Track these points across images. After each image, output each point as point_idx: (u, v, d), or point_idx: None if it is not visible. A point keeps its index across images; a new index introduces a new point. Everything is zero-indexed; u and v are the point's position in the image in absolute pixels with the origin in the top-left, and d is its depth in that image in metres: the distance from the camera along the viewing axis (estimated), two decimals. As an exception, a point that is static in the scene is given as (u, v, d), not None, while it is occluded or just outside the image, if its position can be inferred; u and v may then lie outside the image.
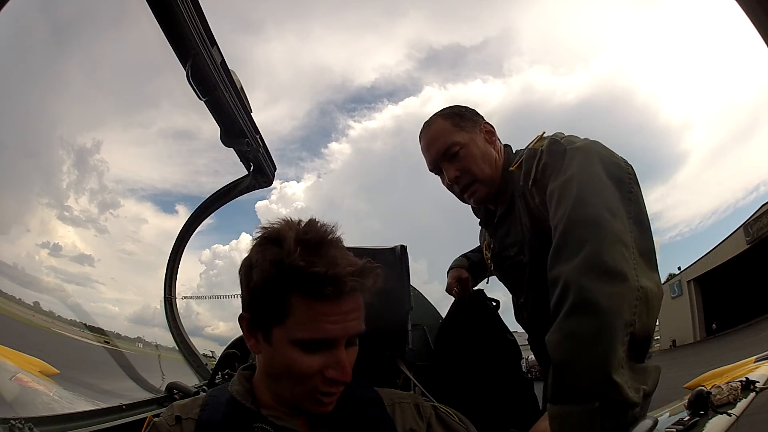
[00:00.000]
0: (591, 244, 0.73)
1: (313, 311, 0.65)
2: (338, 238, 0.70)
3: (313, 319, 0.65)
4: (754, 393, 2.81)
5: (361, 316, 0.69)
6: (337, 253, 0.67)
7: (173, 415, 0.75)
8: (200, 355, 2.59)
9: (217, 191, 2.42)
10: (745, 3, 0.72)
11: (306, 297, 0.64)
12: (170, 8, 1.35)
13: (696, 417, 2.84)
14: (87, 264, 22.18)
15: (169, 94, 3.64)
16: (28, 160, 7.93)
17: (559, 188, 0.87)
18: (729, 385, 2.96)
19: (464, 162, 1.20)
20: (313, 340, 0.66)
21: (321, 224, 0.70)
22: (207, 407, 0.76)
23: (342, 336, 0.67)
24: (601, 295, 0.68)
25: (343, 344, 0.67)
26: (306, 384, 0.68)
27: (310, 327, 0.65)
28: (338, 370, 0.67)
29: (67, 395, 1.68)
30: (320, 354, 0.66)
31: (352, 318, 0.67)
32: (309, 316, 0.65)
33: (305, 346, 0.66)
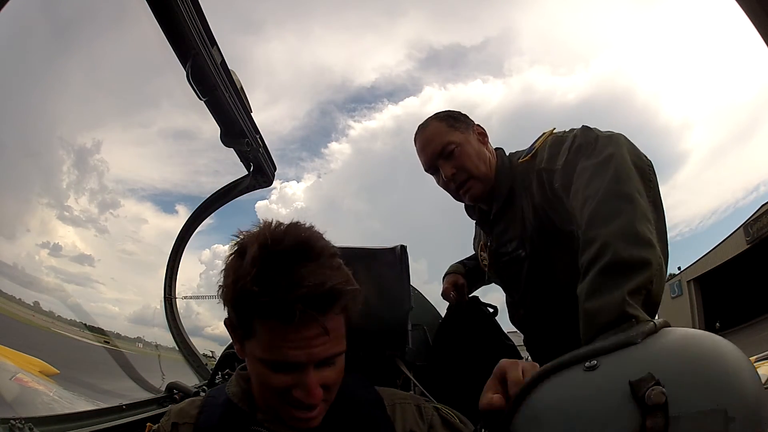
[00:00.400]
0: (626, 215, 0.82)
1: (273, 335, 0.61)
2: (316, 249, 0.62)
3: (274, 344, 0.61)
4: (754, 393, 2.81)
5: (332, 340, 0.63)
6: (305, 271, 0.59)
7: (170, 422, 0.75)
8: (200, 355, 2.59)
9: (217, 191, 2.42)
10: (745, 3, 0.72)
11: (265, 321, 0.61)
12: (170, 8, 1.36)
13: (696, 417, 2.84)
14: (87, 264, 22.18)
15: (169, 94, 3.64)
16: (29, 160, 7.94)
17: (595, 165, 0.93)
18: (729, 385, 2.96)
19: (460, 160, 1.25)
20: (275, 362, 0.63)
21: (296, 234, 0.62)
22: (205, 409, 0.75)
23: (306, 361, 0.62)
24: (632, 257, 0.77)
25: (310, 368, 0.63)
26: (278, 399, 0.66)
27: (271, 350, 0.62)
28: (304, 393, 0.63)
29: (67, 395, 1.68)
30: (287, 374, 0.63)
31: (318, 344, 0.61)
32: (269, 339, 0.61)
33: (271, 366, 0.64)
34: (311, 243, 0.62)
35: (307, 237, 0.63)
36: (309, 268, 0.60)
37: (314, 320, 0.59)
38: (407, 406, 0.79)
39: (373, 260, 1.35)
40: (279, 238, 0.61)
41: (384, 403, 0.78)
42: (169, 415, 0.77)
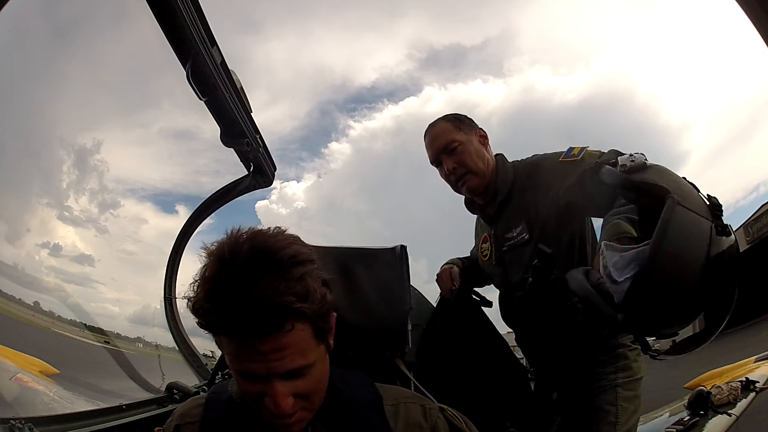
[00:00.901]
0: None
1: (231, 349, 0.62)
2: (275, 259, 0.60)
3: (234, 356, 0.63)
4: (754, 393, 2.80)
5: (293, 354, 0.62)
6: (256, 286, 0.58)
7: (172, 425, 0.75)
8: (200, 355, 2.59)
9: (217, 191, 2.42)
10: (745, 3, 0.72)
11: (221, 335, 0.63)
12: (170, 8, 1.36)
13: (696, 417, 2.84)
14: (87, 264, 22.18)
15: (169, 94, 3.65)
16: (29, 160, 7.92)
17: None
18: (729, 385, 2.96)
19: (461, 156, 1.43)
20: (239, 371, 0.64)
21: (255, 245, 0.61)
22: (209, 406, 0.76)
23: (266, 374, 0.62)
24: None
25: (275, 379, 0.62)
26: (255, 405, 0.66)
27: (233, 362, 0.64)
28: (271, 404, 0.63)
29: (67, 395, 1.68)
30: (258, 383, 0.64)
31: (276, 358, 0.61)
32: (229, 351, 0.63)
33: (239, 375, 0.65)
34: (270, 252, 0.61)
35: (266, 247, 0.61)
36: (262, 283, 0.58)
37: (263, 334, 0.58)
38: (412, 405, 0.79)
39: (373, 260, 1.35)
40: (236, 250, 0.60)
41: (383, 403, 0.77)
42: (172, 418, 0.78)
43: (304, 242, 0.68)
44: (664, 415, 3.32)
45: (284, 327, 0.59)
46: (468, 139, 1.45)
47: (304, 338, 0.63)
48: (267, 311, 0.57)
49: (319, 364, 0.68)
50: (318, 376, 0.68)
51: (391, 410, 0.77)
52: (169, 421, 0.77)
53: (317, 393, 0.69)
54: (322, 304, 0.63)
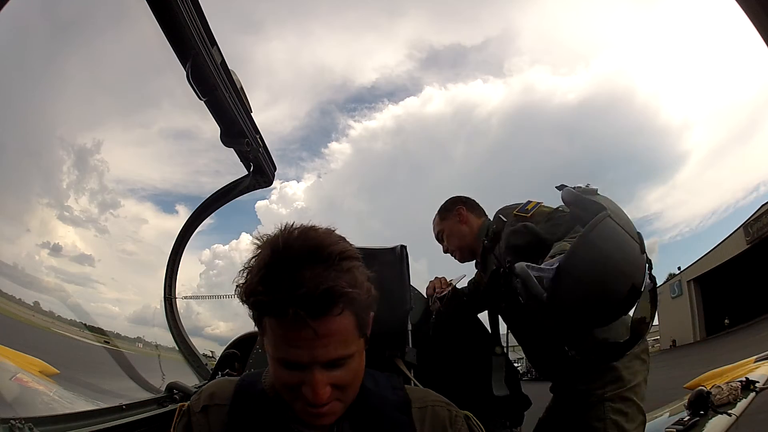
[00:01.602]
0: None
1: (277, 334, 0.64)
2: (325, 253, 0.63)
3: (279, 342, 0.64)
4: (754, 393, 2.80)
5: (336, 342, 0.64)
6: (308, 273, 0.61)
7: (200, 404, 0.75)
8: (200, 355, 2.59)
9: (217, 191, 2.42)
10: (745, 3, 0.72)
11: (269, 320, 0.64)
12: (170, 8, 1.36)
13: (696, 417, 2.83)
14: (87, 264, 22.14)
15: (169, 94, 3.64)
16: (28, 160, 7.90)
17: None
18: (729, 385, 2.96)
19: (446, 242, 1.94)
20: (282, 360, 0.65)
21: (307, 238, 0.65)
22: (241, 393, 0.76)
23: (309, 362, 0.64)
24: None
25: (315, 368, 0.64)
26: (291, 395, 0.67)
27: (278, 348, 0.65)
28: (310, 392, 0.64)
29: (67, 395, 1.68)
30: (297, 373, 0.65)
31: (319, 345, 0.63)
32: (275, 337, 0.64)
33: (280, 363, 0.66)
34: (321, 247, 0.64)
35: (318, 242, 0.65)
36: (314, 271, 0.62)
37: (311, 320, 0.61)
38: (440, 409, 0.79)
39: (373, 260, 1.35)
40: (289, 242, 0.64)
41: (411, 405, 0.78)
42: (199, 395, 0.77)
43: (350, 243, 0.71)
44: (664, 415, 3.32)
45: (334, 310, 0.62)
46: (449, 225, 1.92)
47: (348, 327, 0.65)
48: (321, 294, 0.60)
49: (358, 357, 0.69)
50: (355, 368, 0.69)
51: (419, 413, 0.77)
52: (196, 399, 0.76)
53: (352, 386, 0.70)
54: (368, 296, 0.67)
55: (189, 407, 0.76)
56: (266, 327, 0.65)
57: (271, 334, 0.65)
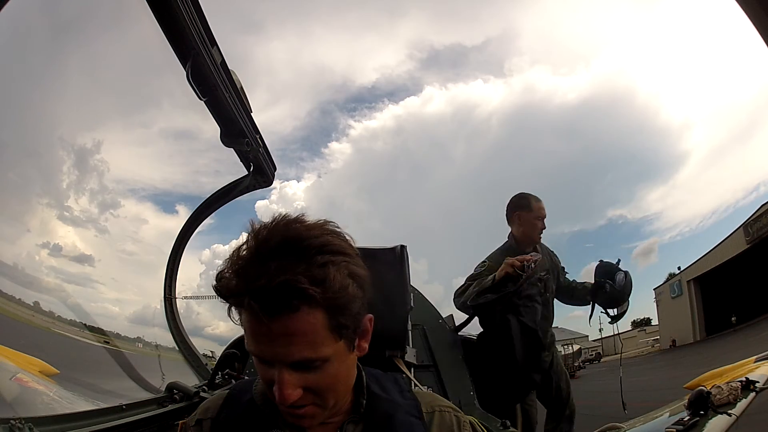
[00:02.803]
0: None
1: (246, 326, 0.62)
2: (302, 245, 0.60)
3: (248, 334, 0.62)
4: (754, 393, 2.80)
5: (302, 343, 0.60)
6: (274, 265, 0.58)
7: (195, 418, 0.76)
8: (200, 355, 2.59)
9: (217, 191, 2.42)
10: (745, 3, 0.72)
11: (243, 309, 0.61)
12: (170, 8, 1.36)
13: (696, 417, 2.83)
14: (87, 264, 22.10)
15: (169, 94, 3.64)
16: (29, 160, 7.90)
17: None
18: (729, 385, 2.95)
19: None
20: (252, 352, 0.63)
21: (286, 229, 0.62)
22: (226, 406, 0.75)
23: (272, 360, 0.61)
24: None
25: (282, 367, 0.61)
26: (271, 393, 0.64)
27: (249, 341, 0.63)
28: (276, 391, 0.61)
29: (67, 395, 1.68)
30: (268, 367, 0.62)
31: (281, 344, 0.59)
32: (245, 329, 0.62)
33: (261, 360, 0.63)
34: (299, 239, 0.61)
35: (297, 233, 0.61)
36: (282, 262, 0.58)
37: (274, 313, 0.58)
38: (446, 414, 0.77)
39: (373, 260, 1.35)
40: (270, 232, 0.61)
41: (421, 409, 0.76)
42: (197, 411, 0.78)
43: (344, 237, 0.67)
44: (664, 415, 3.32)
45: (290, 307, 0.58)
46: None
47: (314, 328, 0.60)
48: (276, 287, 0.56)
49: (337, 362, 0.64)
50: (333, 373, 0.64)
51: (426, 417, 0.75)
52: (194, 414, 0.77)
53: (332, 391, 0.66)
54: (339, 294, 0.60)
55: (186, 423, 0.77)
56: (242, 321, 0.62)
57: (244, 326, 0.62)
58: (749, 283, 18.86)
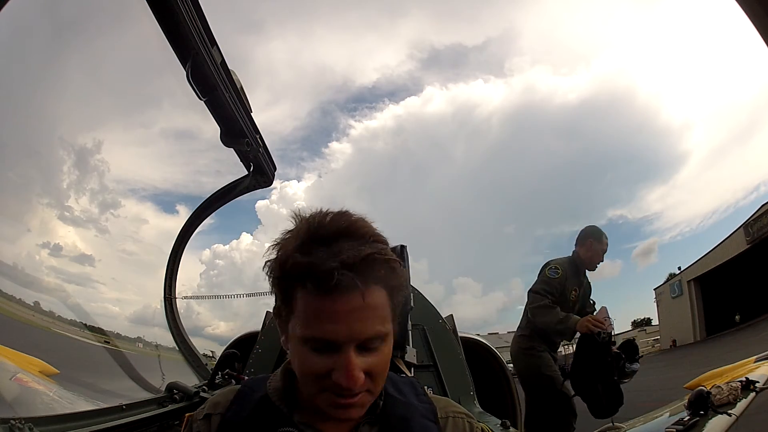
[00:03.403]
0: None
1: (314, 307, 0.61)
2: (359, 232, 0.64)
3: (314, 316, 0.61)
4: (754, 393, 2.80)
5: (374, 317, 0.62)
6: (345, 244, 0.61)
7: (203, 412, 0.74)
8: (200, 355, 2.59)
9: (217, 191, 2.42)
10: (745, 3, 0.72)
11: (306, 291, 0.61)
12: (170, 8, 1.36)
13: (696, 417, 2.83)
14: (87, 264, 22.08)
15: (170, 94, 3.64)
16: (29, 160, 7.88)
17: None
18: (729, 385, 2.95)
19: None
20: (314, 339, 0.62)
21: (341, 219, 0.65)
22: (236, 401, 0.73)
23: (345, 339, 0.61)
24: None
25: (350, 348, 0.61)
26: (318, 385, 0.63)
27: (311, 325, 0.61)
28: (342, 376, 0.61)
29: (67, 395, 1.68)
30: (328, 355, 0.61)
31: (356, 318, 0.61)
32: (310, 312, 0.61)
33: (312, 345, 0.62)
34: (355, 226, 0.64)
35: (352, 221, 0.65)
36: (350, 243, 0.62)
37: (353, 287, 0.59)
38: (459, 421, 0.77)
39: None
40: (323, 221, 0.64)
41: (437, 414, 0.75)
42: (205, 404, 0.75)
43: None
44: (664, 415, 3.32)
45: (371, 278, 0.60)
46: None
47: (383, 303, 0.63)
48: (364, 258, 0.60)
49: (389, 342, 0.66)
50: (387, 355, 0.66)
51: (441, 422, 0.75)
52: (201, 409, 0.75)
53: (382, 377, 0.67)
54: (396, 276, 0.65)
55: (193, 416, 0.74)
56: (296, 304, 0.62)
57: (303, 310, 0.61)
58: (750, 283, 18.87)
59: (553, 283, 2.86)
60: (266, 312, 2.03)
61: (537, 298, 2.85)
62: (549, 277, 2.86)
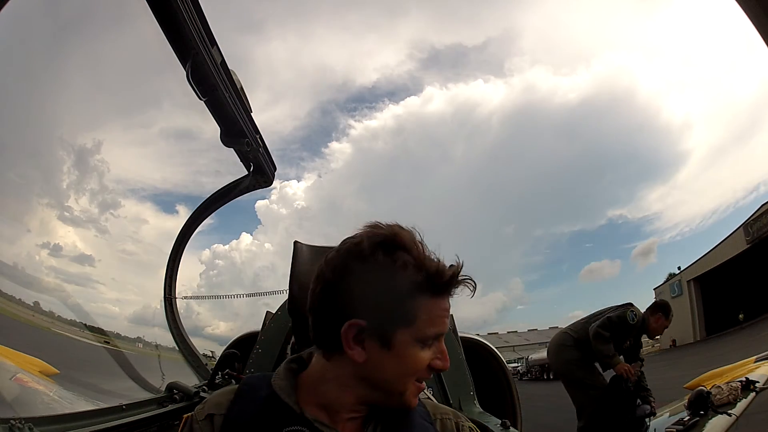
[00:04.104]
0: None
1: (434, 309, 0.71)
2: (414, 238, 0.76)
3: (436, 316, 0.71)
4: (754, 393, 2.80)
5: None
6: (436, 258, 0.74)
7: (205, 412, 0.72)
8: (200, 355, 2.59)
9: (217, 191, 2.42)
10: (745, 3, 0.72)
11: (428, 299, 0.71)
12: (170, 8, 1.36)
13: (696, 417, 2.83)
14: (87, 264, 22.12)
15: (170, 94, 3.64)
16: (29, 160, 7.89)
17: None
18: (729, 385, 2.96)
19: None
20: (431, 337, 0.72)
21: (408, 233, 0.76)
22: (239, 400, 0.73)
23: (443, 331, 0.74)
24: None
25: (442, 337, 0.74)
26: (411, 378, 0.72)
27: (431, 325, 0.71)
28: (443, 359, 0.73)
29: (67, 395, 1.68)
30: (430, 348, 0.72)
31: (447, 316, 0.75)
32: (431, 314, 0.71)
33: (425, 343, 0.71)
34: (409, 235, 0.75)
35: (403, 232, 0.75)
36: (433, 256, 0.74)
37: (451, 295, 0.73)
38: (448, 422, 0.80)
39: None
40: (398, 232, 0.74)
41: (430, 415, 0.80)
42: (204, 404, 0.74)
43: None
44: (664, 415, 3.33)
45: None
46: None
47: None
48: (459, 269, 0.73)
49: None
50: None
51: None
52: (201, 408, 0.74)
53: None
54: None
55: (192, 416, 0.73)
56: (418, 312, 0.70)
57: (427, 313, 0.70)
58: (750, 282, 18.88)
59: (625, 325, 3.45)
60: (266, 312, 2.03)
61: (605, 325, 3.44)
62: (627, 319, 3.44)
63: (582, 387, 3.52)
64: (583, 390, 3.51)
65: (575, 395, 3.57)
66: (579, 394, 3.54)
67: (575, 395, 3.57)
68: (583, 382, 3.53)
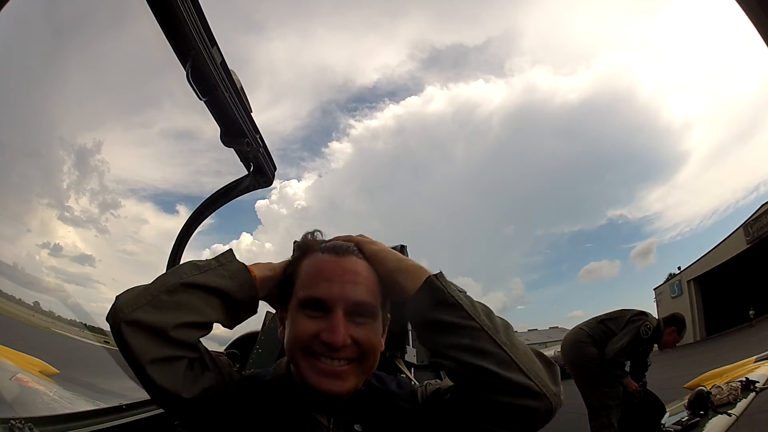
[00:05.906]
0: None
1: (315, 265, 0.72)
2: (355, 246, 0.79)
3: (314, 275, 0.71)
4: (754, 393, 2.80)
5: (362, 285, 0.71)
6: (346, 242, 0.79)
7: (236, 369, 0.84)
8: (200, 355, 2.58)
9: (217, 191, 2.42)
10: (745, 3, 0.72)
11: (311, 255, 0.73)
12: (170, 8, 1.35)
13: (696, 417, 2.83)
14: (87, 264, 22.15)
15: (169, 94, 3.64)
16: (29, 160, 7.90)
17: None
18: (729, 385, 2.96)
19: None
20: (310, 298, 0.69)
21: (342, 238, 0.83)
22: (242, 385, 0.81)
23: (337, 298, 0.68)
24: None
25: (339, 310, 0.68)
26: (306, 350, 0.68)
27: (311, 284, 0.70)
28: (331, 334, 0.67)
29: (67, 395, 1.68)
30: (319, 319, 0.68)
31: (350, 280, 0.70)
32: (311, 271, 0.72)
33: (306, 307, 0.69)
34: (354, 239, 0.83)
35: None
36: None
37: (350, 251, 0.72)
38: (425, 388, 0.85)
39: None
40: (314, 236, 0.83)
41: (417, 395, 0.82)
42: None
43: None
44: (664, 415, 3.33)
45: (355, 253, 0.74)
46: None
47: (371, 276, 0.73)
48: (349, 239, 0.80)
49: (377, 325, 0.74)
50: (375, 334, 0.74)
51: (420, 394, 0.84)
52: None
53: (371, 355, 0.73)
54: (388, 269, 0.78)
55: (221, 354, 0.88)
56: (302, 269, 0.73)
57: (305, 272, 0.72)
58: (750, 282, 18.86)
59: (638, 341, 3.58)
60: (266, 312, 2.03)
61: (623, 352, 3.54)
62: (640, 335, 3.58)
63: (599, 385, 3.46)
64: (600, 389, 3.45)
65: (590, 393, 3.51)
66: (594, 393, 3.47)
67: (590, 393, 3.51)
68: (601, 381, 3.47)
